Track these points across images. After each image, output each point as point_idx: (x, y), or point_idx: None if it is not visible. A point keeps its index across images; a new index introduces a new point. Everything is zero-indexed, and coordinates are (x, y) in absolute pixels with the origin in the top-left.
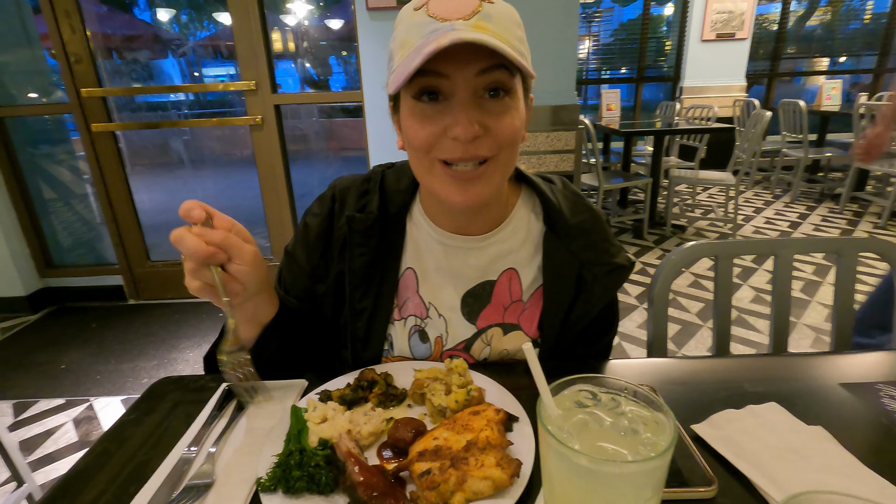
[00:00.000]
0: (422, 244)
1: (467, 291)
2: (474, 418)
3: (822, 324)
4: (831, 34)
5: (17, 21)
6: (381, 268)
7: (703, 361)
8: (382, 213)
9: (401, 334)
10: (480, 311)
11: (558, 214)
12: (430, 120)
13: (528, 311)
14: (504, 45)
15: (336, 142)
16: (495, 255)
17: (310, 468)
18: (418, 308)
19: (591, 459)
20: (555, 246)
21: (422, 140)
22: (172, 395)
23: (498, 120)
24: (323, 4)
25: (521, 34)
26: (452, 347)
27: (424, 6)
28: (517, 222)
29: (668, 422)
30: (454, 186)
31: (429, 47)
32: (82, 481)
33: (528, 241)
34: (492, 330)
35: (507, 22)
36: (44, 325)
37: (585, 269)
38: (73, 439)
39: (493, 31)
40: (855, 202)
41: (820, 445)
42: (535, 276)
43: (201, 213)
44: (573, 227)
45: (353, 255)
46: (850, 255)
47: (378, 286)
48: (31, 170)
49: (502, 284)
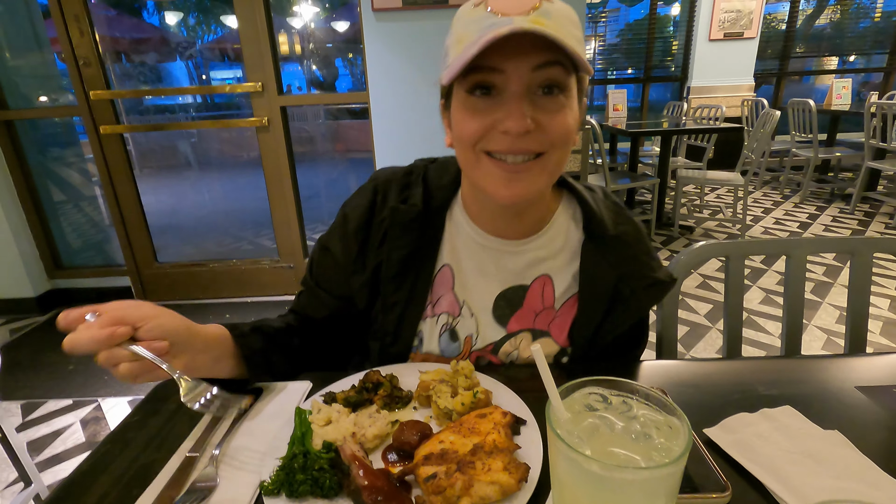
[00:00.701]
0: (459, 242)
1: (500, 294)
2: (481, 421)
3: (833, 325)
4: (841, 33)
5: (28, 25)
6: (418, 263)
7: (714, 363)
8: (425, 206)
9: (431, 331)
10: (512, 314)
11: (599, 224)
12: (481, 113)
13: (560, 319)
14: (563, 38)
15: (342, 144)
16: (531, 261)
17: (314, 471)
18: (452, 306)
19: (602, 465)
20: (593, 256)
21: (471, 132)
22: (177, 396)
23: (551, 117)
24: (329, 6)
25: (579, 34)
26: (482, 348)
27: (484, 2)
28: (556, 229)
29: (682, 426)
30: (501, 180)
31: (486, 37)
32: (85, 484)
33: (566, 248)
34: (521, 335)
35: (565, 21)
36: (52, 326)
37: (623, 283)
38: (81, 440)
39: (553, 26)
40: (866, 202)
41: (837, 451)
42: (569, 284)
43: (82, 313)
44: (613, 239)
45: (393, 248)
46: (865, 255)
47: (413, 281)
48: (41, 172)
49: (535, 290)
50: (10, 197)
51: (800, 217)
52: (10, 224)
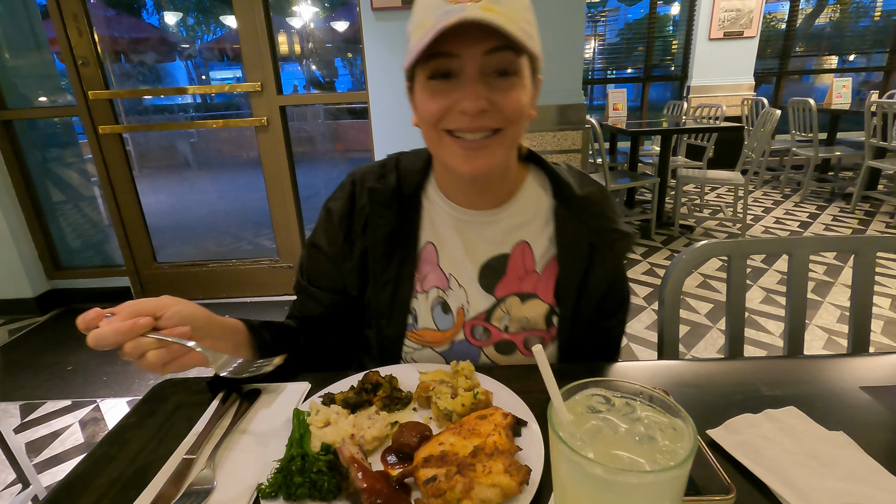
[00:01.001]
0: (437, 219)
1: (483, 264)
2: (481, 423)
3: (835, 325)
4: (840, 32)
5: (27, 26)
6: (402, 242)
7: (716, 364)
8: (399, 186)
9: (424, 307)
10: (498, 281)
11: (567, 188)
12: (441, 94)
13: (544, 281)
14: (509, 26)
15: (342, 143)
16: (507, 229)
17: (312, 474)
18: (440, 280)
19: (606, 469)
20: (565, 217)
21: (433, 112)
22: (174, 397)
23: (505, 96)
24: (328, 6)
25: (529, 17)
26: (474, 317)
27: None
28: (527, 197)
29: (687, 428)
30: (461, 156)
31: (439, 25)
32: (81, 486)
33: (539, 214)
34: (510, 299)
35: (516, 5)
36: (51, 327)
37: (596, 237)
38: (80, 441)
39: (502, 12)
40: (866, 201)
41: (842, 452)
42: (546, 247)
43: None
44: (581, 199)
45: (376, 227)
46: (868, 254)
47: (400, 259)
48: (40, 172)
49: (516, 257)
50: (8, 197)
51: (800, 216)
52: (9, 224)
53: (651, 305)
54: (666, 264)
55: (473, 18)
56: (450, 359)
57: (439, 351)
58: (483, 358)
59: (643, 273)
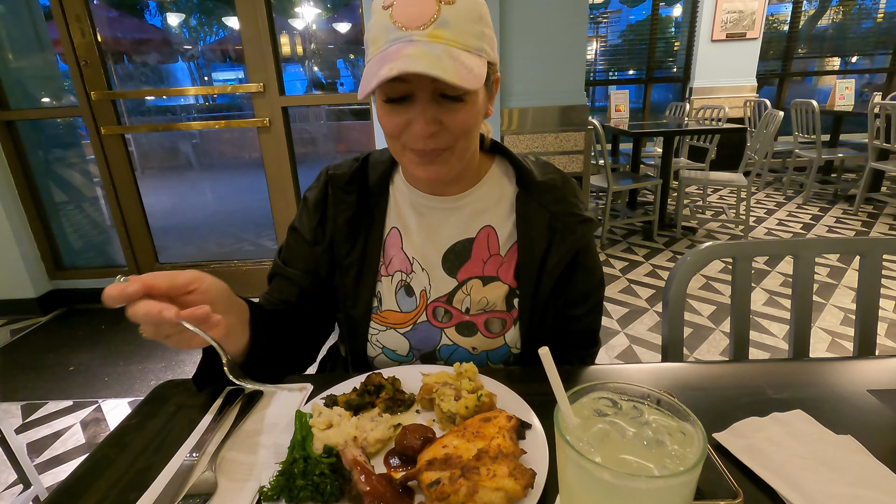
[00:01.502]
0: (403, 205)
1: (448, 249)
2: (485, 425)
3: (838, 328)
4: (843, 34)
5: (30, 27)
6: (366, 226)
7: (721, 366)
8: (363, 176)
9: (388, 289)
10: (461, 265)
11: (528, 174)
12: (396, 113)
13: (506, 264)
14: (445, 72)
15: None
16: (472, 213)
17: (314, 476)
18: (403, 263)
19: (614, 474)
20: (526, 202)
21: (390, 129)
22: (175, 398)
23: (453, 117)
24: (330, 7)
25: (479, 30)
26: (436, 299)
27: (390, 7)
28: (491, 183)
29: (696, 432)
30: (419, 165)
31: (383, 69)
32: (81, 488)
33: (503, 201)
34: (471, 282)
35: (464, 23)
36: (53, 327)
37: (556, 220)
38: (81, 441)
39: (448, 38)
40: (869, 203)
41: (851, 456)
42: (510, 231)
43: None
44: (542, 184)
45: (338, 211)
46: (875, 255)
47: (364, 244)
48: (42, 173)
49: (481, 241)
50: (11, 197)
51: (803, 218)
52: (12, 224)
53: (654, 307)
54: (668, 266)
55: (409, 72)
56: (413, 340)
57: (402, 332)
58: (444, 339)
59: (645, 275)
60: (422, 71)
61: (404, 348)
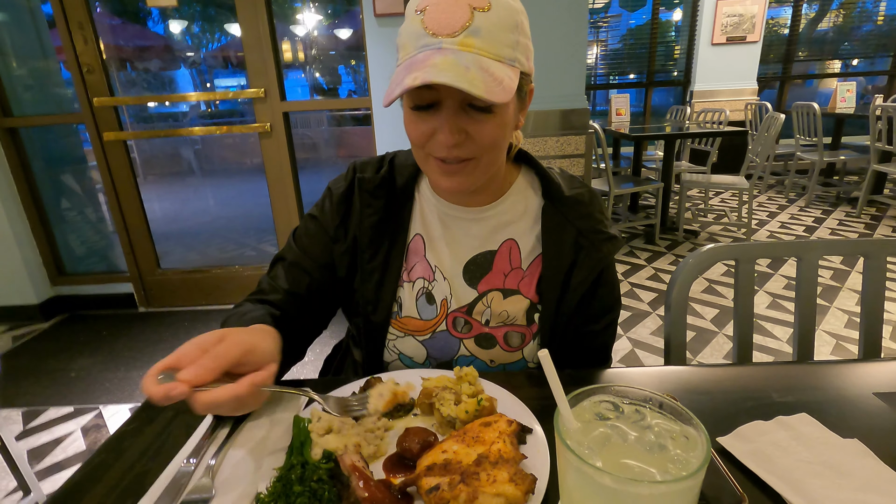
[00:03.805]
0: (427, 213)
1: (470, 259)
2: (485, 430)
3: (842, 330)
4: (843, 37)
5: (33, 34)
6: (391, 232)
7: (725, 369)
8: (391, 180)
9: (409, 296)
10: (482, 277)
11: (556, 188)
12: (423, 121)
13: (528, 277)
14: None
15: (345, 150)
16: (495, 226)
17: (312, 483)
18: (426, 271)
19: (615, 479)
20: (553, 216)
21: (416, 137)
22: (174, 404)
23: (480, 128)
24: (331, 13)
25: (514, 39)
26: (456, 309)
27: (423, 12)
28: (516, 195)
29: (700, 436)
30: (442, 175)
31: (408, 77)
32: (78, 495)
33: (527, 214)
34: (492, 294)
35: (498, 32)
36: (55, 333)
37: (582, 237)
38: (82, 448)
39: (480, 47)
40: (872, 205)
41: (857, 460)
42: (533, 245)
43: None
44: (570, 199)
45: (364, 215)
46: (879, 257)
47: (388, 249)
48: (44, 179)
49: (503, 254)
50: (13, 203)
51: (805, 221)
52: (14, 230)
53: (656, 311)
54: (670, 269)
55: (436, 82)
56: (431, 349)
57: (421, 340)
58: (462, 349)
59: (647, 278)
60: (446, 82)
61: (421, 356)
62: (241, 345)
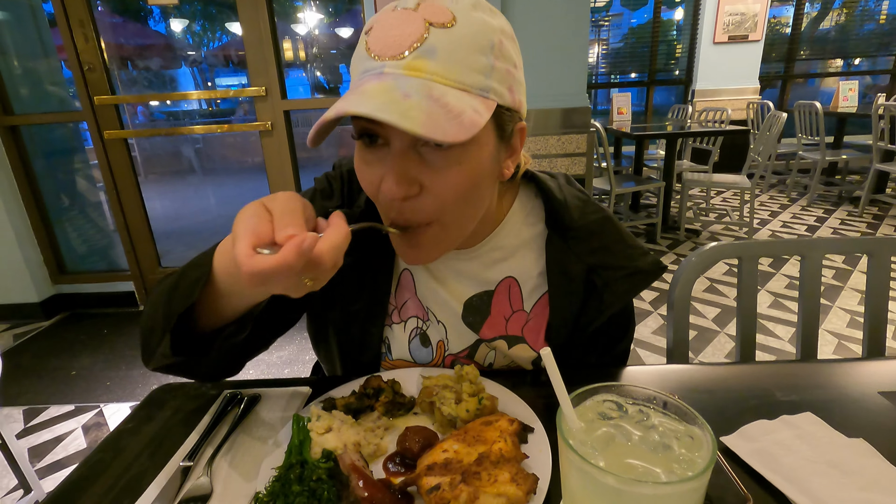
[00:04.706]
0: None
1: (466, 301)
2: (487, 429)
3: (845, 330)
4: (845, 35)
5: (34, 33)
6: (374, 270)
7: (728, 368)
8: (367, 211)
9: (400, 337)
10: (483, 322)
11: (565, 216)
12: (369, 165)
13: (533, 321)
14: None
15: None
16: (488, 263)
17: (311, 482)
18: (419, 310)
19: (619, 479)
20: (559, 250)
21: (366, 185)
22: (172, 402)
23: (437, 175)
24: (332, 12)
25: (487, 63)
26: (456, 353)
27: (369, 32)
28: (508, 229)
29: (705, 436)
30: (399, 244)
31: (338, 106)
32: (75, 493)
33: (527, 245)
34: (496, 342)
35: (462, 53)
36: (56, 332)
37: (594, 274)
38: (82, 446)
39: (433, 71)
40: (874, 205)
41: (863, 460)
42: (536, 283)
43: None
44: (580, 229)
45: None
46: (883, 255)
47: (371, 289)
48: (46, 177)
49: (501, 294)
50: (14, 202)
51: (807, 220)
52: (15, 229)
53: (658, 310)
54: (672, 268)
55: (363, 114)
56: None
57: None
58: None
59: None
60: (364, 113)
61: None
62: (293, 198)
